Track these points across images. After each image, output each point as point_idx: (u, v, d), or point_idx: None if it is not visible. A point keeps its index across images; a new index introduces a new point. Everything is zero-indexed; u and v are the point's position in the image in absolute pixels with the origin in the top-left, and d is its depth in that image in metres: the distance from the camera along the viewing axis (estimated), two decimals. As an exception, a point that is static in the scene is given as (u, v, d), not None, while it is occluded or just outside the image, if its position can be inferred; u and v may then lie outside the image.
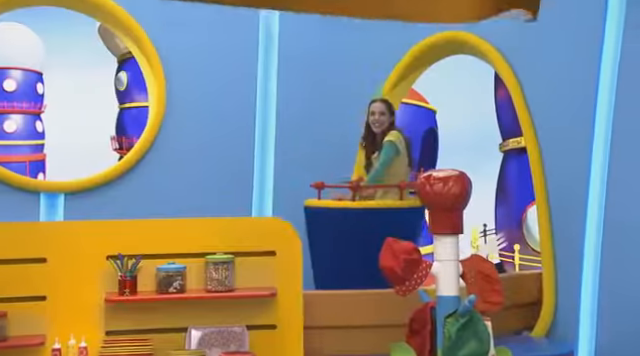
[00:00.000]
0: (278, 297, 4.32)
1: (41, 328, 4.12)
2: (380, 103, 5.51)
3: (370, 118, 5.47)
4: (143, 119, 7.50)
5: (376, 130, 5.43)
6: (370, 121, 5.47)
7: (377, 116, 5.41)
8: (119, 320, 4.25)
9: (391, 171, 5.30)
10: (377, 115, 5.41)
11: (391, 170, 5.30)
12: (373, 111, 5.46)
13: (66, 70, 7.48)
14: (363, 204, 5.13)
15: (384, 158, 5.29)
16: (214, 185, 6.50)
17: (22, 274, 4.14)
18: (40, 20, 7.07)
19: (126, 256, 4.21)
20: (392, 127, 5.43)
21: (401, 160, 5.36)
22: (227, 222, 4.56)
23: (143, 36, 6.33)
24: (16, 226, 4.27)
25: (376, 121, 5.41)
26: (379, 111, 5.43)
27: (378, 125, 5.40)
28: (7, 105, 7.56)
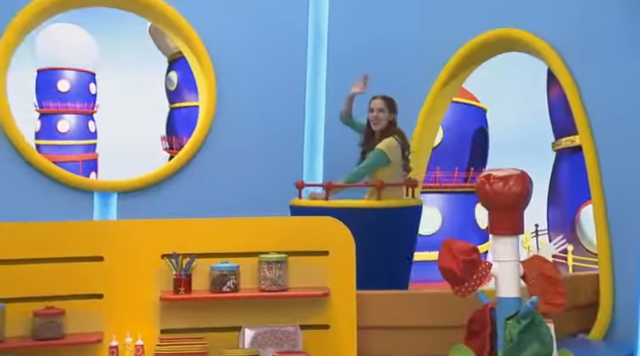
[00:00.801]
0: (331, 297, 4.30)
1: (98, 326, 4.17)
2: (379, 100, 5.34)
3: (369, 115, 5.34)
4: (193, 119, 7.55)
5: (374, 127, 5.31)
6: (369, 118, 5.35)
7: (375, 113, 5.29)
8: (174, 318, 4.28)
9: (383, 177, 5.15)
10: (375, 112, 5.29)
11: (382, 176, 5.16)
12: (372, 108, 5.33)
13: (117, 70, 7.58)
14: (341, 203, 5.06)
15: (369, 164, 5.19)
16: (264, 184, 6.52)
17: (79, 272, 4.19)
18: (93, 21, 7.20)
19: (181, 255, 4.24)
20: (392, 127, 5.29)
21: (392, 168, 5.23)
22: (280, 221, 4.56)
23: (194, 36, 6.38)
24: (74, 225, 4.32)
25: (374, 118, 5.28)
26: (377, 108, 5.30)
27: (376, 122, 5.28)
28: (61, 105, 7.70)
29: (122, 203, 6.33)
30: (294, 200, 5.17)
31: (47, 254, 4.15)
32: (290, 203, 5.16)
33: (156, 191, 6.49)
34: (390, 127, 5.28)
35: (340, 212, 4.68)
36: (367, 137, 5.40)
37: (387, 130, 5.28)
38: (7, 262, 4.07)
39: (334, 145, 6.61)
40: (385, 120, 5.28)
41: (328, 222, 4.46)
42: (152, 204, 6.38)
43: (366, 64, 6.63)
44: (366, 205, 5.15)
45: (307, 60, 6.64)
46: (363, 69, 6.67)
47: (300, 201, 5.12)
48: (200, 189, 6.48)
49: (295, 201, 5.16)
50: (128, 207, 6.31)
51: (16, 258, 4.09)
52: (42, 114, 7.53)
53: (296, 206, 5.10)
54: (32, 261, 4.12)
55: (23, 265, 4.09)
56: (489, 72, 6.86)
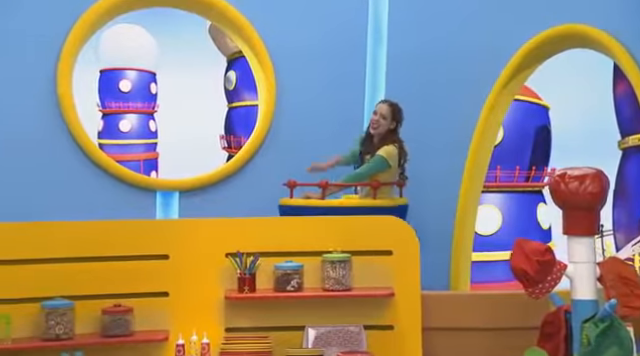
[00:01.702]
0: (396, 297, 4.26)
1: (164, 323, 4.21)
2: (385, 105, 5.34)
3: (372, 117, 5.34)
4: (251, 118, 7.59)
5: (372, 131, 5.29)
6: (370, 120, 5.35)
7: (377, 117, 5.27)
8: (238, 317, 4.31)
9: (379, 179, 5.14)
10: (377, 116, 5.27)
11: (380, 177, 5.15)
12: (375, 111, 5.33)
13: (177, 70, 7.64)
14: (332, 202, 5.00)
15: (370, 168, 5.15)
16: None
17: (146, 270, 4.25)
18: (153, 21, 7.27)
19: (245, 254, 4.26)
20: (391, 135, 5.26)
21: (389, 173, 5.22)
22: (344, 220, 4.54)
23: (254, 35, 6.39)
24: (140, 224, 4.39)
25: (373, 122, 5.27)
26: (381, 113, 5.26)
27: (375, 126, 5.26)
28: (122, 105, 7.81)
29: (184, 202, 6.38)
30: (284, 199, 5.03)
31: (114, 252, 4.22)
32: (280, 202, 5.03)
33: (217, 190, 6.52)
34: (389, 135, 5.25)
35: (332, 211, 4.65)
36: (365, 140, 5.38)
37: (385, 137, 5.25)
38: (76, 260, 4.14)
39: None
40: (385, 127, 5.25)
41: (392, 221, 4.43)
42: (213, 203, 6.40)
43: (426, 62, 6.60)
44: (358, 204, 5.08)
45: (367, 59, 6.58)
46: (423, 66, 6.67)
47: (290, 200, 4.96)
48: (260, 188, 6.49)
49: (285, 200, 5.01)
50: (190, 206, 6.35)
51: (85, 256, 4.15)
52: (104, 114, 7.66)
53: (286, 205, 4.95)
54: (100, 259, 4.19)
55: (91, 263, 4.17)
56: (552, 69, 6.71)
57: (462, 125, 6.42)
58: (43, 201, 5.83)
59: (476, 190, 6.48)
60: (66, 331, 3.97)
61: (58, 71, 5.94)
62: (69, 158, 6.04)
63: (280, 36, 6.47)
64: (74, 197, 5.98)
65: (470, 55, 6.44)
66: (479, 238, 6.06)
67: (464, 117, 6.43)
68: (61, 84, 5.95)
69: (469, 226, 6.41)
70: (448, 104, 6.50)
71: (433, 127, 6.48)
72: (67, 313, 3.98)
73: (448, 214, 6.35)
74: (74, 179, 6.06)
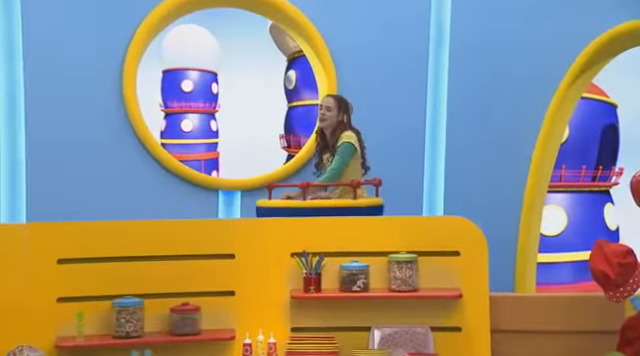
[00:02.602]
0: (464, 298, 4.20)
1: (230, 322, 4.23)
2: (329, 98, 5.21)
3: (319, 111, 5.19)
4: (311, 117, 7.58)
5: (320, 124, 5.13)
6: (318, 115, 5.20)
7: (323, 110, 5.11)
8: (304, 317, 4.29)
9: (351, 173, 4.99)
10: (323, 109, 5.11)
11: (351, 173, 4.99)
12: (320, 105, 5.17)
13: (238, 69, 7.68)
14: (312, 203, 4.79)
15: (343, 159, 4.97)
16: (384, 183, 6.43)
17: (212, 270, 4.27)
18: (215, 21, 7.32)
19: (310, 253, 4.25)
20: (344, 126, 5.09)
21: (357, 161, 5.07)
22: (409, 220, 4.50)
23: (315, 34, 6.39)
24: (207, 223, 4.41)
25: (321, 116, 5.11)
26: (326, 106, 5.12)
27: (322, 119, 5.10)
28: (184, 105, 7.89)
29: (246, 201, 6.42)
30: (261, 200, 4.88)
31: (182, 251, 4.24)
32: (257, 204, 4.87)
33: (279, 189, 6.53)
34: (340, 125, 5.09)
35: (309, 212, 4.56)
36: (321, 138, 5.22)
37: (337, 128, 5.09)
38: (145, 259, 4.18)
39: (457, 142, 6.46)
40: (333, 119, 5.09)
41: (459, 222, 4.37)
42: (274, 202, 6.42)
43: (490, 60, 6.51)
44: (334, 205, 4.84)
45: (429, 57, 6.52)
46: (486, 63, 6.57)
47: (268, 202, 4.81)
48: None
49: (262, 202, 4.85)
50: (251, 205, 6.36)
51: (153, 255, 4.19)
52: (167, 114, 7.76)
53: (263, 207, 4.81)
54: (168, 258, 4.21)
55: (159, 262, 4.20)
56: (621, 66, 6.54)
57: (527, 123, 6.31)
58: (109, 200, 5.94)
59: (542, 190, 6.36)
60: (136, 329, 4.01)
61: (123, 72, 6.04)
62: (134, 158, 6.14)
63: (341, 35, 6.46)
64: (139, 196, 6.08)
65: (536, 52, 6.33)
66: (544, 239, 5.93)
67: (529, 115, 6.32)
68: (126, 85, 6.05)
69: (534, 227, 6.30)
70: (513, 102, 6.40)
71: (497, 126, 6.40)
72: (137, 311, 4.03)
73: (513, 214, 6.26)
74: (139, 179, 6.16)
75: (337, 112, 5.08)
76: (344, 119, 5.10)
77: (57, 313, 4.01)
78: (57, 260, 4.05)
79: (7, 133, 5.80)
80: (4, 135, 5.79)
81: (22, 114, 5.83)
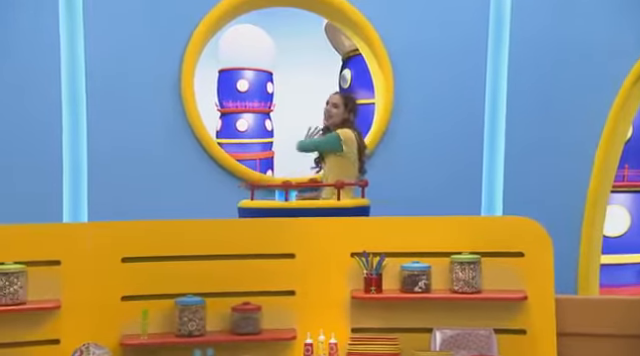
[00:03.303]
0: (528, 301, 4.12)
1: (291, 322, 4.22)
2: (336, 95, 5.23)
3: (324, 108, 5.20)
4: (366, 116, 7.53)
5: (326, 122, 5.15)
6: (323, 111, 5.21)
7: (328, 107, 5.14)
8: (365, 317, 4.27)
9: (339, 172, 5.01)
10: (329, 106, 5.14)
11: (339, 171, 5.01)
12: (327, 101, 5.18)
13: (293, 69, 7.68)
14: (295, 204, 4.84)
15: (321, 142, 5.04)
16: (442, 182, 6.40)
17: (272, 269, 4.27)
18: (271, 20, 7.34)
19: (371, 254, 4.22)
20: (349, 125, 5.11)
21: (348, 164, 5.06)
22: (471, 220, 4.46)
23: (372, 33, 6.35)
24: (266, 222, 4.40)
25: (326, 112, 5.14)
26: (332, 102, 5.14)
27: (327, 116, 5.12)
28: (240, 105, 7.92)
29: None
30: (243, 202, 4.85)
31: (242, 251, 4.25)
32: (239, 205, 4.84)
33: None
34: (346, 124, 5.09)
35: (292, 213, 4.54)
36: (324, 132, 5.22)
37: (342, 126, 5.08)
38: (205, 258, 4.20)
39: (516, 139, 6.35)
40: (339, 116, 5.10)
41: (523, 222, 4.28)
42: (330, 202, 6.40)
43: (551, 58, 6.37)
44: (318, 205, 4.89)
45: (487, 54, 6.42)
46: (548, 64, 6.44)
47: (250, 202, 4.79)
48: (378, 187, 6.42)
49: (244, 203, 4.83)
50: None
51: (213, 254, 4.21)
52: (223, 113, 7.80)
53: (245, 208, 4.78)
54: (228, 257, 4.23)
55: (220, 261, 4.22)
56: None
57: (590, 122, 6.18)
58: (167, 200, 5.98)
59: (605, 190, 6.22)
60: (198, 328, 4.04)
61: (182, 73, 6.09)
62: (192, 158, 6.19)
63: (399, 34, 6.40)
64: (197, 196, 6.12)
65: (598, 50, 6.19)
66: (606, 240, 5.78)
67: (592, 114, 6.18)
68: (185, 86, 6.09)
69: (598, 227, 6.16)
70: (574, 100, 6.27)
71: (559, 124, 6.27)
72: (199, 310, 4.05)
73: (575, 214, 6.12)
74: (197, 178, 6.19)
75: (343, 109, 5.10)
76: (350, 117, 5.11)
77: (122, 311, 4.06)
78: (121, 259, 4.10)
79: (70, 134, 5.90)
80: (67, 137, 5.89)
81: (84, 116, 5.93)
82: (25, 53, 5.81)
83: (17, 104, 5.79)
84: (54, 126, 5.85)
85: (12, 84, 5.78)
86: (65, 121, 5.89)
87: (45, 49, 5.84)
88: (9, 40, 5.77)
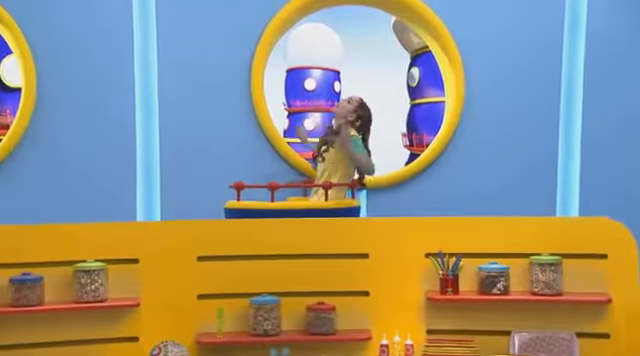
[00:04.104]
0: (612, 304, 3.99)
1: (365, 323, 4.18)
2: (357, 96, 5.32)
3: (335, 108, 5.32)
4: (434, 115, 7.44)
5: (334, 121, 5.22)
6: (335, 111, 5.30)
7: (343, 103, 5.26)
8: (440, 319, 4.20)
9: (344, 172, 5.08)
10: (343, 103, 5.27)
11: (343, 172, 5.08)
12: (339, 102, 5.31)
13: (360, 67, 7.64)
14: (282, 205, 4.78)
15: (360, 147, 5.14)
16: (515, 181, 6.26)
17: (346, 269, 4.23)
18: (338, 18, 7.31)
19: (446, 254, 4.15)
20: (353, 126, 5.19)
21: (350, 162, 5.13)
22: (550, 221, 4.36)
23: (442, 30, 6.26)
24: (341, 222, 4.37)
25: (337, 104, 5.25)
26: (347, 98, 5.27)
27: (337, 106, 5.28)
28: (307, 104, 7.92)
29: (371, 200, 6.36)
30: (230, 202, 4.75)
31: (315, 250, 4.23)
32: (225, 206, 4.74)
33: (403, 188, 6.46)
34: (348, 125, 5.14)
35: (279, 214, 4.46)
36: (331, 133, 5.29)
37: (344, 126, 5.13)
38: (279, 257, 4.19)
39: (593, 136, 6.17)
40: (345, 112, 5.19)
41: (604, 223, 4.15)
42: (400, 201, 6.35)
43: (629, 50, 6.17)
44: (307, 206, 4.86)
45: (562, 49, 6.25)
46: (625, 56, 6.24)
47: (237, 203, 4.70)
48: (448, 187, 6.36)
49: (231, 203, 4.73)
50: (377, 204, 6.33)
51: (287, 253, 4.20)
52: (290, 113, 7.81)
53: (232, 209, 4.69)
54: (302, 257, 4.21)
55: (294, 260, 4.20)
56: None
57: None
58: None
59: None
60: (273, 327, 4.03)
61: (252, 72, 6.11)
62: (263, 157, 6.19)
63: (469, 30, 6.28)
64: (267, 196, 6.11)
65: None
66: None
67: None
68: (255, 85, 6.10)
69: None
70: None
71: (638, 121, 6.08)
72: (274, 309, 4.05)
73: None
74: (267, 178, 6.17)
75: (352, 110, 5.17)
76: (355, 121, 5.19)
77: (197, 310, 4.09)
78: (197, 257, 4.13)
79: (143, 132, 5.98)
80: (140, 136, 5.97)
81: (156, 116, 5.99)
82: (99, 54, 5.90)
83: (92, 106, 5.88)
84: (128, 126, 5.93)
85: (86, 85, 5.87)
86: (138, 121, 5.97)
87: (118, 49, 5.92)
88: (84, 40, 5.87)
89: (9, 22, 5.68)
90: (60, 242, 3.97)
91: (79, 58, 5.84)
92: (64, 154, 5.80)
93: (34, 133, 5.79)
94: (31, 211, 5.61)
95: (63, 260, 3.93)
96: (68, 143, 5.81)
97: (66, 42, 5.82)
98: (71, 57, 5.83)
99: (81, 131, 5.83)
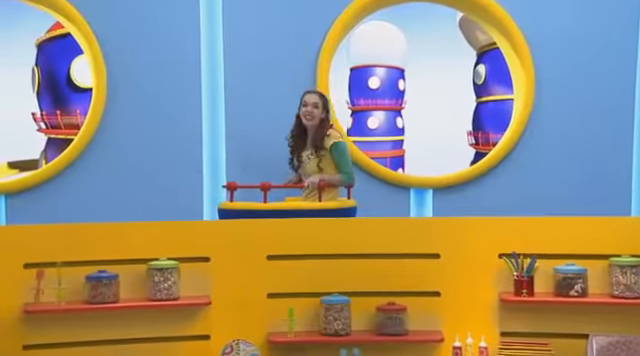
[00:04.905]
0: (698, 308, 3.84)
1: (436, 324, 4.12)
2: (314, 94, 5.12)
3: (302, 109, 5.06)
4: (501, 113, 7.29)
5: (307, 123, 5.01)
6: (301, 113, 5.05)
7: (309, 108, 5.01)
8: (514, 321, 4.11)
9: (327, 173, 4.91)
10: (310, 107, 5.01)
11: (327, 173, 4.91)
12: (306, 102, 5.05)
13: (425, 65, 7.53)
14: (275, 206, 4.61)
15: (346, 157, 4.98)
16: (586, 181, 6.10)
17: (417, 269, 4.17)
18: (403, 16, 7.21)
19: (521, 255, 4.05)
20: (326, 124, 5.02)
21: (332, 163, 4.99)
22: (630, 221, 4.30)
23: (512, 25, 6.13)
24: (411, 221, 4.36)
25: (307, 113, 5.00)
26: (312, 103, 5.02)
27: (310, 118, 4.99)
28: (371, 102, 7.84)
29: (437, 199, 6.29)
30: (223, 203, 4.68)
31: (385, 250, 4.17)
32: (218, 206, 4.67)
33: (469, 188, 6.37)
34: (323, 124, 5.01)
35: (274, 214, 4.35)
36: (298, 133, 5.07)
37: (321, 128, 4.96)
38: (349, 256, 4.15)
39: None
40: (318, 117, 4.98)
41: (688, 223, 3.99)
42: (466, 201, 6.26)
43: None
44: (302, 207, 4.70)
45: (638, 48, 6.06)
46: None
47: (230, 204, 4.60)
48: (517, 186, 6.24)
49: (224, 204, 4.65)
50: (443, 204, 6.25)
51: (357, 253, 4.16)
52: (353, 111, 7.77)
53: (225, 209, 4.60)
54: (371, 256, 4.16)
55: (364, 260, 4.16)
56: None
57: None
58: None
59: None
60: (344, 327, 4.00)
61: (317, 71, 6.09)
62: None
63: (539, 26, 6.14)
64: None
65: None
66: None
67: None
68: (320, 84, 6.09)
69: None
70: None
71: None
72: (344, 309, 4.02)
73: None
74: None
75: (321, 110, 5.03)
76: (326, 117, 5.03)
77: (267, 308, 4.09)
78: (266, 256, 4.12)
79: (209, 133, 6.03)
80: (206, 135, 6.03)
81: (222, 116, 6.03)
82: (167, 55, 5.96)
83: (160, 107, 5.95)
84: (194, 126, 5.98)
85: (154, 86, 5.94)
86: (204, 121, 6.02)
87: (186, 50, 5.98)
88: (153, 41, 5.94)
89: (81, 23, 5.78)
90: (134, 240, 4.02)
91: (148, 59, 5.91)
92: (133, 153, 5.88)
93: (104, 133, 5.89)
94: (101, 209, 5.71)
95: (137, 258, 3.96)
96: (136, 142, 5.89)
97: (135, 43, 5.90)
98: (140, 58, 5.91)
99: (149, 131, 5.90)
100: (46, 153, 6.81)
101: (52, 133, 6.79)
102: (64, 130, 6.71)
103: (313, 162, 4.98)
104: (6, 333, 3.83)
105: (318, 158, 4.96)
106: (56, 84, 6.72)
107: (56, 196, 5.84)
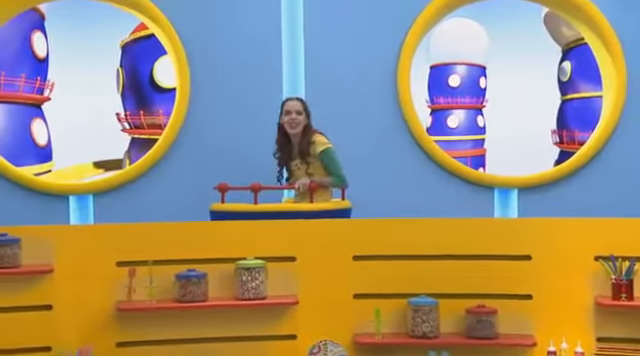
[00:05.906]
0: None
1: (527, 328, 3.99)
2: (296, 101, 5.02)
3: (285, 118, 4.94)
4: (587, 111, 7.10)
5: (291, 131, 4.91)
6: (285, 121, 4.94)
7: (294, 115, 4.90)
8: (612, 326, 3.95)
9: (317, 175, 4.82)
10: (294, 114, 4.90)
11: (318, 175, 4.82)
12: (288, 110, 4.94)
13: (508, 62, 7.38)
14: (267, 207, 4.55)
15: (337, 163, 4.87)
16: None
17: (507, 271, 4.05)
18: (485, 12, 7.08)
19: (619, 257, 3.89)
20: (311, 130, 4.92)
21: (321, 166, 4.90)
22: None
23: (602, 20, 5.93)
24: (501, 222, 4.24)
25: (292, 121, 4.89)
26: (295, 110, 4.92)
27: (294, 125, 4.90)
28: (451, 100, 7.73)
29: (521, 200, 6.13)
30: (215, 205, 4.53)
31: (474, 251, 4.07)
32: (210, 208, 4.54)
33: (556, 188, 6.19)
34: (308, 130, 4.93)
35: (268, 216, 4.22)
36: (283, 143, 4.92)
37: (306, 133, 4.92)
38: (437, 257, 4.07)
39: None
40: (302, 124, 4.92)
41: None
42: (551, 201, 6.09)
43: None
44: (295, 209, 4.56)
45: None
46: None
47: (222, 205, 4.49)
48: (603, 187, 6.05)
49: (216, 206, 4.51)
50: (527, 204, 6.09)
51: (447, 254, 4.07)
52: (433, 110, 7.65)
53: (217, 211, 4.48)
54: (461, 257, 4.07)
55: (452, 261, 4.07)
56: None
57: None
58: (385, 198, 5.89)
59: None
60: (432, 329, 3.92)
61: (398, 67, 6.02)
62: (409, 156, 6.10)
63: (631, 20, 5.93)
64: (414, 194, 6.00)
65: None
66: None
67: None
68: (401, 82, 6.03)
69: None
70: None
71: None
72: (432, 311, 3.94)
73: None
74: (414, 177, 6.09)
75: (305, 117, 4.93)
76: (309, 123, 4.94)
77: (354, 309, 4.04)
78: (352, 256, 4.07)
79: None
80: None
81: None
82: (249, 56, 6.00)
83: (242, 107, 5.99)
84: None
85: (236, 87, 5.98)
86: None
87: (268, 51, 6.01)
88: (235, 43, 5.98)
89: (165, 24, 5.86)
90: (222, 239, 4.03)
91: (230, 59, 5.96)
92: (216, 154, 5.92)
93: (187, 133, 5.96)
94: (183, 209, 5.76)
95: (225, 257, 3.97)
96: (219, 143, 5.94)
97: (218, 43, 5.96)
98: (223, 58, 5.96)
99: (232, 131, 5.95)
100: (130, 153, 6.96)
101: (135, 133, 6.93)
102: (147, 130, 6.84)
103: (302, 170, 4.92)
104: (101, 330, 3.90)
105: (307, 165, 4.90)
106: (139, 85, 6.86)
107: (141, 196, 5.94)
